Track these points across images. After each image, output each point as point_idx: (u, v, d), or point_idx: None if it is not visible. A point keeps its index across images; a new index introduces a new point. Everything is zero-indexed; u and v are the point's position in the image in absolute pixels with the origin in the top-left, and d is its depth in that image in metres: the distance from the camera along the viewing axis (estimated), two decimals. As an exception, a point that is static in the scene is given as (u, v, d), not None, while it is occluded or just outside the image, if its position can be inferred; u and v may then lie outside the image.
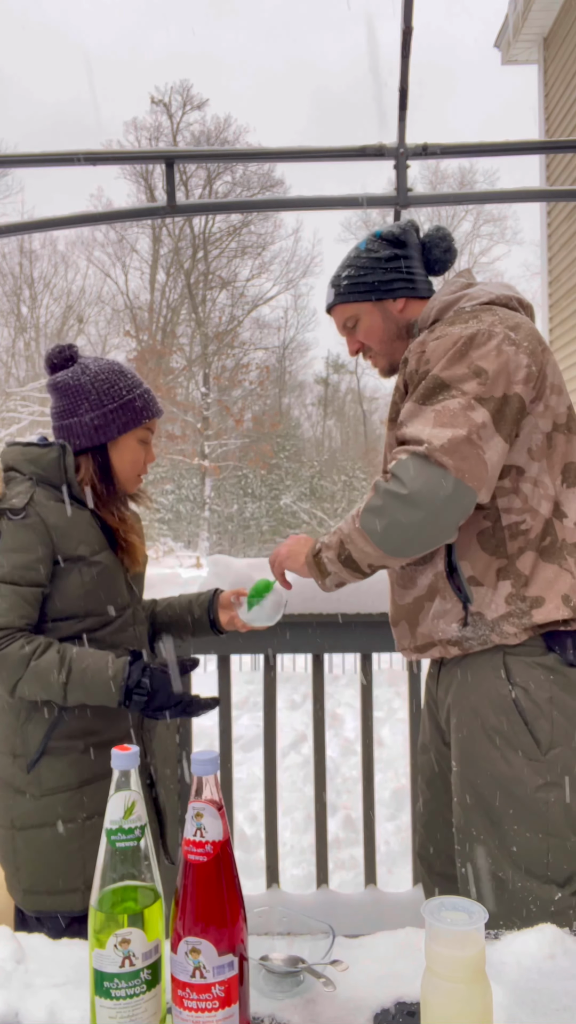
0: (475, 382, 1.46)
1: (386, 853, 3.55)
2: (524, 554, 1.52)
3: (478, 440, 1.43)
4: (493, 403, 1.46)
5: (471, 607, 1.54)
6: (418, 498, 1.41)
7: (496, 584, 1.52)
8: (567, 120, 8.77)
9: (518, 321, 1.54)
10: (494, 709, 1.52)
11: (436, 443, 1.41)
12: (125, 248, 27.59)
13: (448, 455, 1.41)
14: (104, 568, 1.61)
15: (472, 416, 1.44)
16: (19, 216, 23.83)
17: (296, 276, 29.75)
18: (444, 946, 0.79)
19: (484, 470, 1.43)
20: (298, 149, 2.85)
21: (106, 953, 0.83)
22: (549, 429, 1.54)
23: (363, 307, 1.75)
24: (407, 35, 2.53)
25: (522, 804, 1.49)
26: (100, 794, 1.53)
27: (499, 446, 1.46)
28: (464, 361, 1.48)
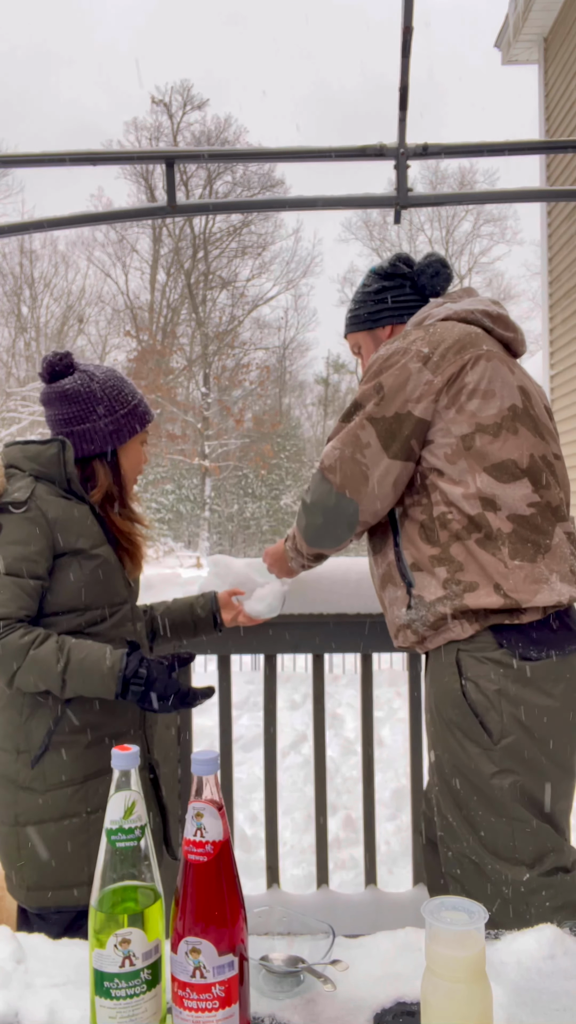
0: (373, 402, 1.71)
1: (386, 853, 3.55)
2: (456, 543, 1.67)
3: (362, 459, 1.70)
4: (383, 423, 1.69)
5: (413, 591, 1.71)
6: (313, 507, 1.75)
7: (434, 570, 1.68)
8: (567, 120, 8.76)
9: (444, 335, 1.71)
10: (450, 703, 1.64)
11: (326, 462, 1.73)
12: (125, 248, 27.61)
13: (332, 473, 1.71)
14: (103, 562, 1.64)
15: (360, 436, 1.70)
16: (19, 216, 23.84)
17: (296, 276, 29.82)
18: (444, 946, 0.79)
19: (365, 484, 1.70)
20: (298, 149, 2.85)
21: (106, 953, 0.83)
22: (468, 431, 1.66)
23: (360, 336, 2.00)
24: (407, 35, 2.53)
25: (481, 791, 1.59)
26: (104, 788, 1.57)
27: (384, 463, 1.69)
28: (374, 380, 1.72)
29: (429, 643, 1.71)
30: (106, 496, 1.71)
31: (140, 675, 1.49)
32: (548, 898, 1.54)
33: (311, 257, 32.58)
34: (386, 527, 1.80)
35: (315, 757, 2.47)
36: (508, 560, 1.62)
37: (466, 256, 28.42)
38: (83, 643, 1.53)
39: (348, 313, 2.02)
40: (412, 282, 1.93)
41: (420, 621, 1.69)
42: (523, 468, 1.66)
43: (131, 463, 1.77)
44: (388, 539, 1.79)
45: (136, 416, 1.75)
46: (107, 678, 1.49)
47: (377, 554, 1.83)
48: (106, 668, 1.49)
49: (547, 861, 1.56)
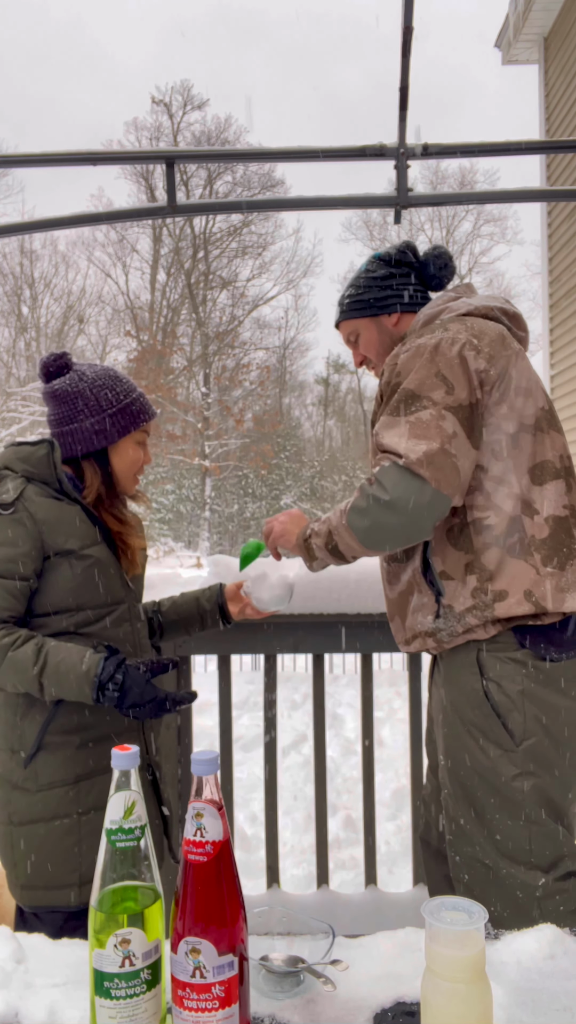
0: (442, 391, 1.59)
1: (386, 853, 3.55)
2: (490, 549, 1.60)
3: (451, 449, 1.56)
4: (462, 412, 1.58)
5: (443, 600, 1.65)
6: (398, 504, 1.55)
7: (464, 578, 1.62)
8: (567, 120, 8.76)
9: (484, 328, 1.64)
10: (470, 704, 1.60)
11: (413, 456, 1.55)
12: (126, 248, 27.60)
13: (425, 468, 1.55)
14: (95, 562, 1.62)
15: (444, 427, 1.57)
16: (19, 216, 23.85)
17: (297, 276, 29.82)
18: (444, 946, 0.79)
19: (457, 477, 1.57)
20: (298, 149, 2.85)
21: (106, 953, 0.83)
22: (513, 430, 1.61)
23: (361, 323, 1.90)
24: (407, 35, 2.53)
25: (501, 794, 1.56)
26: (96, 789, 1.57)
27: (470, 453, 1.58)
28: (430, 369, 1.60)
29: (446, 644, 1.66)
30: (98, 496, 1.69)
31: (116, 680, 1.45)
32: (562, 903, 1.52)
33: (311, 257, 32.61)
34: None
35: (315, 757, 2.47)
36: (540, 567, 1.58)
37: (466, 256, 28.42)
38: (63, 646, 1.51)
39: (347, 299, 1.91)
40: (417, 272, 1.88)
41: (448, 631, 1.63)
42: (558, 468, 1.63)
43: (124, 463, 1.72)
44: (416, 545, 1.68)
45: (127, 415, 1.70)
46: (82, 682, 1.46)
47: (399, 559, 1.73)
48: (82, 672, 1.46)
49: (562, 866, 1.54)
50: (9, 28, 32.72)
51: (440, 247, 1.89)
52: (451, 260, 1.88)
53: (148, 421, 1.75)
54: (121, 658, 1.49)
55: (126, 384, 1.73)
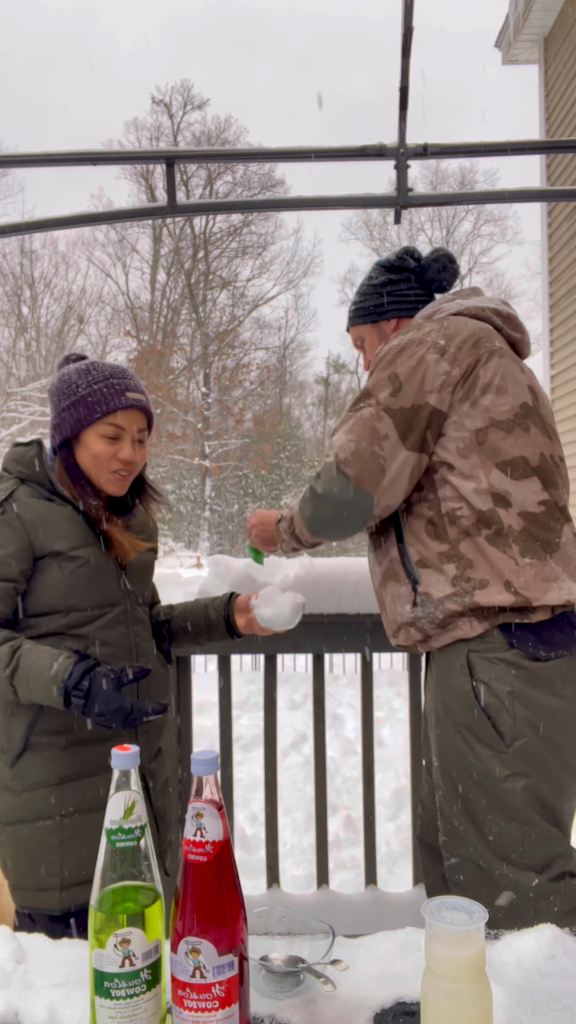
0: (388, 391, 1.66)
1: (386, 853, 3.55)
2: (465, 539, 1.65)
3: (379, 451, 1.64)
4: (401, 414, 1.65)
5: (419, 588, 1.68)
6: (325, 499, 1.68)
7: (442, 567, 1.66)
8: (567, 120, 8.76)
9: (458, 329, 1.69)
10: (460, 704, 1.61)
11: (342, 455, 1.66)
12: (126, 248, 27.61)
13: (348, 466, 1.65)
14: (86, 563, 1.58)
15: (377, 427, 1.65)
16: (19, 216, 23.85)
17: (297, 276, 29.80)
18: (444, 946, 0.79)
19: (382, 477, 1.65)
20: (298, 149, 2.85)
21: (106, 953, 0.83)
22: (481, 426, 1.65)
23: (364, 329, 1.97)
24: (407, 35, 2.53)
25: (492, 795, 1.56)
26: (80, 792, 1.55)
27: (402, 455, 1.65)
28: (388, 370, 1.68)
29: (434, 642, 1.68)
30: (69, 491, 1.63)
31: (81, 687, 1.40)
32: (556, 903, 1.52)
33: (311, 257, 32.60)
34: (388, 523, 1.78)
35: (315, 757, 2.47)
36: (519, 557, 1.61)
37: (466, 256, 28.41)
38: (37, 649, 1.48)
39: (352, 306, 1.99)
40: (419, 276, 1.92)
41: (427, 619, 1.67)
42: (533, 466, 1.66)
43: (87, 459, 1.62)
44: (390, 535, 1.76)
45: (81, 408, 1.60)
46: (50, 687, 1.42)
47: (378, 550, 1.81)
48: (49, 676, 1.42)
49: (556, 866, 1.54)
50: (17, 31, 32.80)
51: (441, 249, 1.92)
52: (452, 262, 1.90)
53: (109, 414, 1.61)
54: (90, 664, 1.44)
55: (93, 375, 1.63)
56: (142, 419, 1.67)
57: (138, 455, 1.67)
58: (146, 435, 1.70)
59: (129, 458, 1.63)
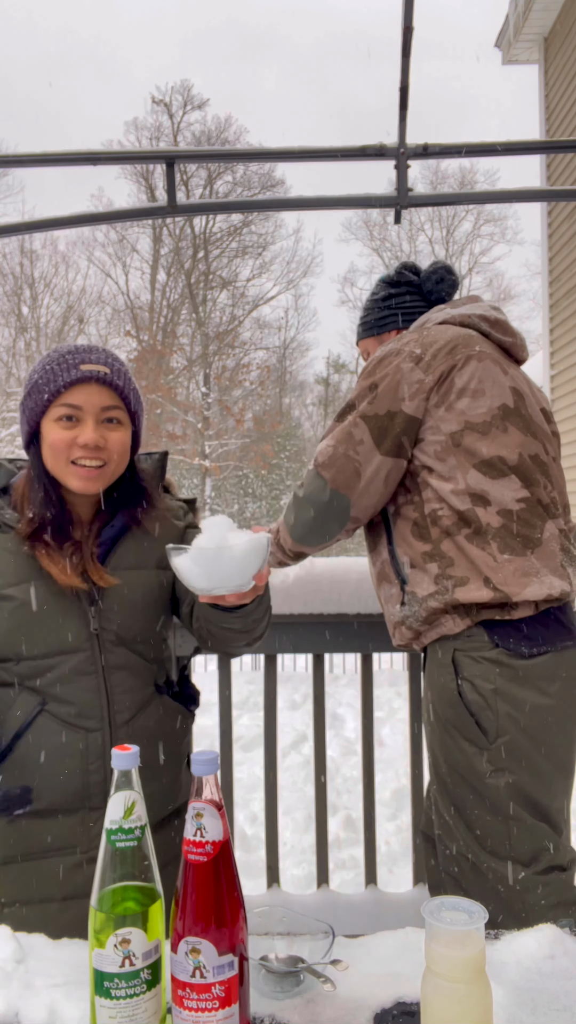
0: (366, 400, 1.75)
1: (386, 853, 3.55)
2: (447, 539, 1.70)
3: (354, 455, 1.73)
4: (375, 420, 1.73)
5: (407, 587, 1.74)
6: (305, 502, 1.78)
7: (426, 566, 1.71)
8: (567, 120, 8.76)
9: (436, 337, 1.76)
10: (446, 702, 1.65)
11: (320, 459, 1.76)
12: (126, 248, 27.60)
13: (325, 469, 1.75)
14: (22, 604, 1.31)
15: (353, 433, 1.74)
16: (19, 216, 23.85)
17: (297, 276, 29.77)
18: (444, 946, 0.79)
19: (357, 480, 1.73)
20: (298, 149, 2.84)
21: (106, 953, 0.83)
22: (456, 429, 1.70)
23: (369, 342, 2.05)
24: (407, 34, 2.53)
25: (477, 791, 1.60)
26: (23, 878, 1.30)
27: (376, 460, 1.73)
28: (368, 380, 1.77)
29: (424, 638, 1.73)
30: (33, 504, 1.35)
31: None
32: (543, 896, 1.55)
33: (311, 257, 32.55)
34: (380, 526, 1.83)
35: (315, 757, 2.47)
36: (497, 554, 1.65)
37: (466, 256, 28.41)
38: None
39: (359, 321, 2.08)
40: (418, 288, 1.98)
41: (413, 617, 1.72)
42: (511, 465, 1.69)
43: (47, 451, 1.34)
44: (382, 538, 1.82)
45: (35, 394, 1.34)
46: None
47: (372, 552, 1.86)
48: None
49: (543, 859, 1.57)
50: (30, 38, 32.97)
51: (439, 262, 1.99)
52: (449, 273, 1.96)
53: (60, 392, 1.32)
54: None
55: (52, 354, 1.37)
56: (107, 394, 1.35)
57: (111, 440, 1.35)
58: (121, 415, 1.38)
59: (91, 441, 1.32)
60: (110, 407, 1.36)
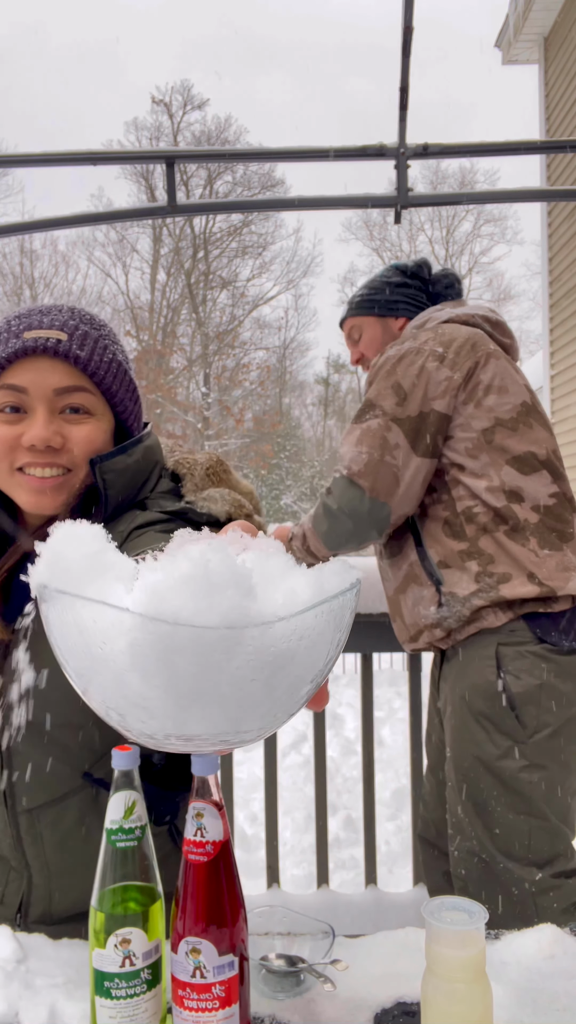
0: (393, 401, 1.70)
1: (386, 853, 3.55)
2: (484, 536, 1.68)
3: (392, 460, 1.68)
4: (409, 423, 1.69)
5: (443, 588, 1.71)
6: (341, 514, 1.72)
7: (463, 565, 1.69)
8: (567, 120, 8.76)
9: (454, 335, 1.74)
10: (482, 695, 1.63)
11: (355, 467, 1.70)
12: (126, 248, 27.60)
13: (363, 477, 1.69)
14: None
15: (388, 437, 1.69)
16: (19, 216, 23.84)
17: (297, 276, 29.77)
18: (444, 946, 0.79)
19: (396, 486, 1.68)
20: (298, 149, 2.85)
21: (106, 953, 0.83)
22: (487, 425, 1.70)
23: (368, 320, 1.98)
24: (407, 34, 2.53)
25: (506, 786, 1.58)
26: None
27: (415, 462, 1.69)
28: (389, 380, 1.73)
29: (458, 635, 1.71)
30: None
31: None
32: (556, 899, 1.54)
33: (311, 257, 32.54)
34: (403, 528, 1.81)
35: (315, 757, 2.47)
36: (538, 550, 1.65)
37: (466, 256, 28.42)
38: None
39: (357, 297, 2.01)
40: (427, 287, 1.98)
41: (454, 617, 1.69)
42: (542, 460, 1.70)
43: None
44: (407, 540, 1.79)
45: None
46: None
47: (395, 557, 1.82)
48: None
49: (559, 863, 1.57)
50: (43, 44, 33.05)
51: (448, 270, 2.00)
52: (458, 282, 1.98)
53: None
54: None
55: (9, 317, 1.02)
56: (64, 372, 0.98)
57: (74, 437, 0.99)
58: (89, 399, 1.00)
59: (39, 439, 0.95)
60: (69, 389, 0.98)
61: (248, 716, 0.51)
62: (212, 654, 0.46)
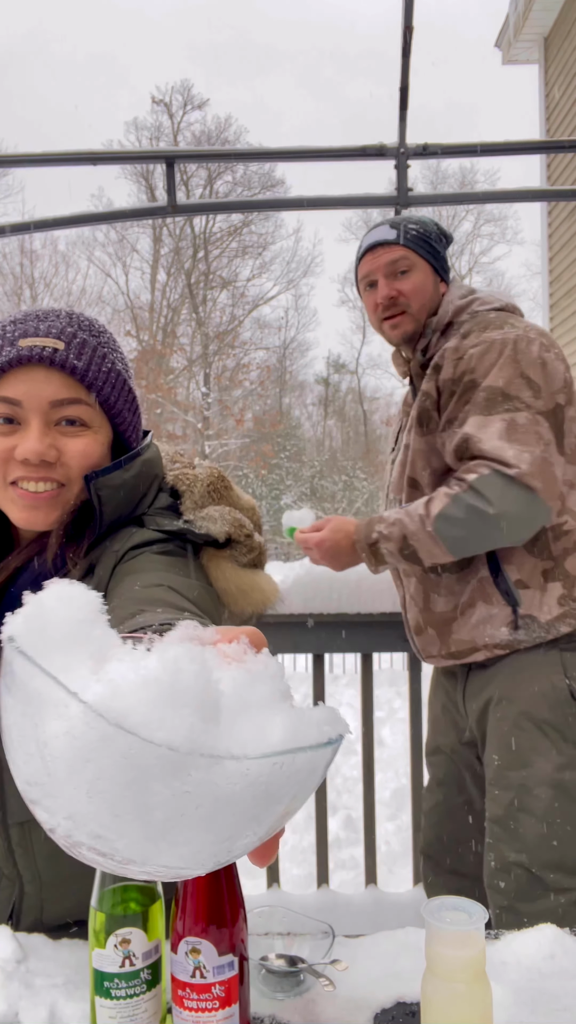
0: (530, 393, 1.50)
1: (386, 853, 3.55)
2: (571, 555, 1.53)
3: (551, 458, 1.48)
4: (551, 417, 1.51)
5: (520, 610, 1.55)
6: (504, 518, 1.46)
7: (545, 586, 1.54)
8: (567, 120, 8.76)
9: (541, 327, 1.59)
10: (548, 702, 1.53)
11: (525, 467, 1.45)
12: (126, 248, 27.61)
13: (535, 479, 1.45)
14: None
15: (541, 432, 1.49)
16: (19, 216, 23.85)
17: (297, 276, 29.77)
18: (444, 946, 0.79)
19: (557, 486, 1.49)
20: (298, 149, 2.85)
21: (106, 953, 0.83)
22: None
23: (423, 263, 1.71)
24: (407, 34, 2.53)
25: (570, 795, 1.49)
26: None
27: (559, 460, 1.51)
28: (513, 369, 1.51)
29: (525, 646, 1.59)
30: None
31: None
32: None
33: (311, 257, 32.55)
34: None
35: (315, 757, 2.47)
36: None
37: (466, 256, 28.42)
38: None
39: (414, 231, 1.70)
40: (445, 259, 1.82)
41: (530, 642, 1.56)
42: None
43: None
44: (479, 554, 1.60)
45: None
46: None
47: (463, 570, 1.62)
48: None
49: None
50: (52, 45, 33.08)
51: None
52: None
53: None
54: None
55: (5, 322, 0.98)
56: (60, 382, 0.95)
57: (69, 451, 0.96)
58: (86, 412, 0.97)
59: (33, 453, 0.92)
60: (65, 401, 0.95)
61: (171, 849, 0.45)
62: (149, 771, 0.42)
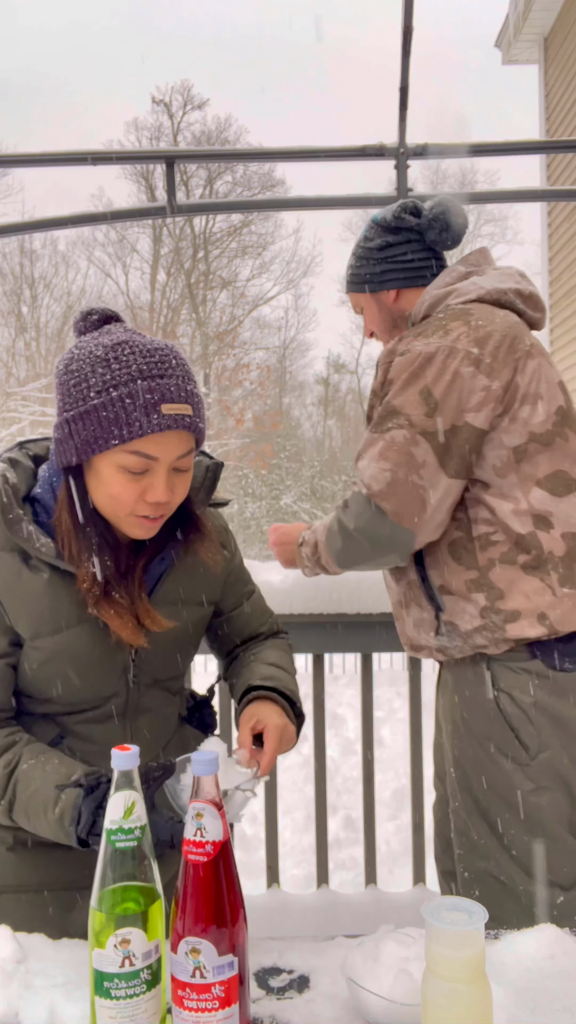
0: (422, 411, 1.47)
1: (386, 853, 3.54)
2: (497, 567, 1.49)
3: (418, 480, 1.46)
4: (438, 438, 1.46)
5: (443, 616, 1.55)
6: (360, 535, 1.52)
7: (469, 595, 1.51)
8: (567, 120, 8.76)
9: (489, 330, 1.49)
10: (482, 716, 1.52)
11: (376, 487, 1.48)
12: (125, 248, 27.60)
13: (386, 499, 1.47)
14: (55, 655, 1.17)
15: (414, 453, 1.46)
16: (19, 216, 23.84)
17: (297, 276, 29.75)
18: (444, 946, 0.79)
19: (423, 511, 1.47)
20: (298, 149, 2.85)
21: (106, 953, 0.83)
22: (519, 442, 1.49)
23: (362, 297, 1.74)
24: (407, 34, 2.53)
25: (516, 809, 1.49)
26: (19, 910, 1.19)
27: (444, 484, 1.47)
28: (416, 385, 1.48)
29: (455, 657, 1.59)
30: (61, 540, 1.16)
31: (96, 832, 1.03)
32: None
33: (311, 257, 32.51)
34: None
35: (315, 757, 2.47)
36: (557, 587, 1.47)
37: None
38: (34, 770, 1.11)
39: (348, 269, 1.75)
40: (420, 236, 1.68)
41: (455, 649, 1.56)
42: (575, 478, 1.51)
43: (104, 495, 1.13)
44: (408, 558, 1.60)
45: (96, 422, 1.08)
46: (58, 831, 1.08)
47: (395, 571, 1.66)
48: (54, 819, 1.07)
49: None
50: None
51: (442, 204, 1.67)
52: (455, 217, 1.66)
53: (132, 439, 1.08)
54: (100, 796, 1.04)
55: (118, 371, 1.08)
56: (186, 440, 1.13)
57: (179, 488, 1.16)
58: (190, 461, 1.17)
59: (162, 498, 1.12)
60: (185, 454, 1.14)
61: None
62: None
